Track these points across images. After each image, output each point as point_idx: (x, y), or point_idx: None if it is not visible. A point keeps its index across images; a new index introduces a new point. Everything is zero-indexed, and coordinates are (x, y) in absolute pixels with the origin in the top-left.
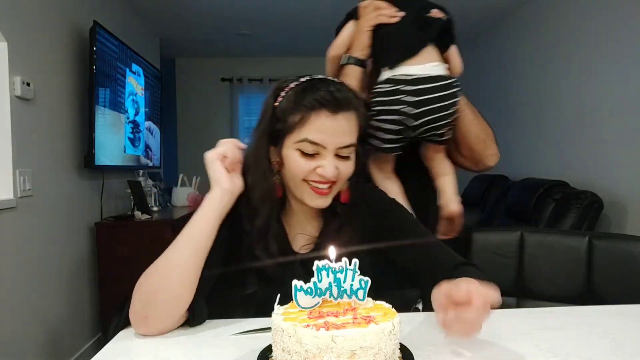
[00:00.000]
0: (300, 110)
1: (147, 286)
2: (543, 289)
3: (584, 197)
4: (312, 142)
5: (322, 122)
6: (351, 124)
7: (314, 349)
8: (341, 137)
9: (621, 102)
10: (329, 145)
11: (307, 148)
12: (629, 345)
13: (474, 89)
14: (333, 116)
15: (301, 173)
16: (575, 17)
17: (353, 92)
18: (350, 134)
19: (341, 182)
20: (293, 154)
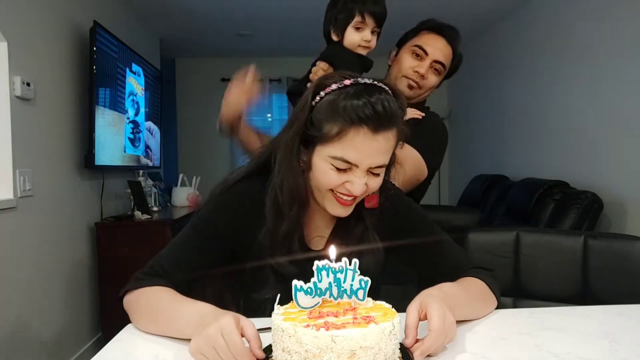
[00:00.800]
0: (338, 121)
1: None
2: (539, 288)
3: (584, 197)
4: (345, 161)
5: (361, 142)
6: (389, 144)
7: (314, 349)
8: (377, 157)
9: (621, 102)
10: (362, 165)
11: (340, 165)
12: (628, 345)
13: (474, 89)
14: (373, 136)
15: (329, 184)
16: (575, 16)
17: (399, 102)
18: (386, 153)
19: (368, 193)
20: (324, 165)
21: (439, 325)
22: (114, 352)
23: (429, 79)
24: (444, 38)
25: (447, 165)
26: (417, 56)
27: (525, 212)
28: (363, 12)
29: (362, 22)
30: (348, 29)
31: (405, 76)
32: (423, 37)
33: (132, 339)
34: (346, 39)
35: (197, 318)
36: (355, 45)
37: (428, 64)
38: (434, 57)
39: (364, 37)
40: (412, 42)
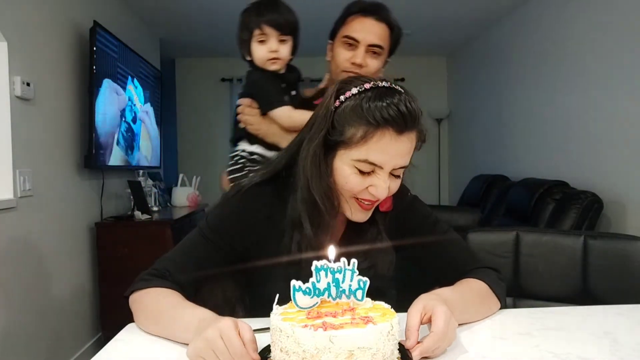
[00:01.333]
0: (362, 124)
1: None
2: (539, 288)
3: (584, 197)
4: (371, 162)
5: (386, 143)
6: (412, 145)
7: (311, 349)
8: (401, 159)
9: (621, 102)
10: (387, 167)
11: (364, 168)
12: (628, 345)
13: (474, 89)
14: (397, 137)
15: (353, 189)
16: (575, 16)
17: (417, 103)
18: (408, 154)
19: (387, 196)
20: (347, 169)
21: (442, 328)
22: (114, 352)
23: (368, 65)
24: (372, 17)
25: (447, 165)
26: (349, 46)
27: (525, 212)
28: (260, 23)
29: (262, 34)
30: (252, 46)
31: (344, 70)
32: (351, 25)
33: (132, 339)
34: (254, 56)
35: (195, 323)
36: (265, 60)
37: (363, 51)
38: (366, 42)
39: (269, 49)
40: (341, 33)
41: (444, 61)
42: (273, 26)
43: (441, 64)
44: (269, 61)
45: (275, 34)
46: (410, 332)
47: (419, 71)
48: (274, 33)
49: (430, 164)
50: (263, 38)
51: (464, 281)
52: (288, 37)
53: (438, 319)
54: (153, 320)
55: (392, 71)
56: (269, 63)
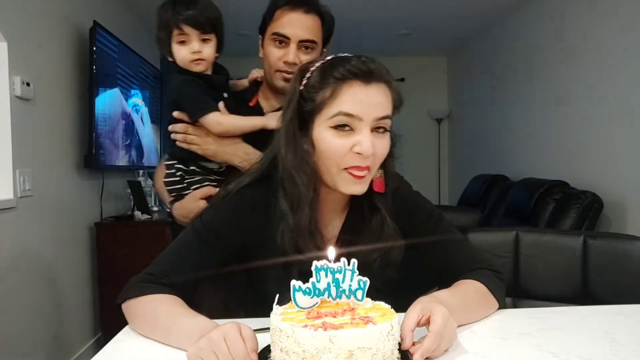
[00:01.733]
0: (329, 83)
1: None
2: (539, 288)
3: (584, 197)
4: (347, 113)
5: (355, 92)
6: (385, 94)
7: (311, 349)
8: (377, 107)
9: (621, 102)
10: (366, 117)
11: (342, 121)
12: (628, 345)
13: (474, 89)
14: (366, 86)
15: (338, 154)
16: (575, 16)
17: (385, 67)
18: (385, 105)
19: (376, 164)
20: (327, 134)
21: (441, 327)
22: (114, 352)
23: (302, 62)
24: (300, 10)
25: (447, 165)
26: (280, 43)
27: (525, 212)
28: (178, 22)
29: (182, 34)
30: (173, 46)
31: (278, 70)
32: (279, 20)
33: (132, 339)
34: (176, 57)
35: (197, 332)
36: (187, 62)
37: (295, 49)
38: (297, 38)
39: (191, 50)
40: (270, 29)
41: (444, 61)
42: (193, 25)
43: (441, 64)
44: (192, 62)
45: (196, 33)
46: (405, 332)
47: (419, 71)
48: (194, 33)
49: (430, 164)
50: (183, 38)
51: (462, 282)
52: (211, 35)
53: (436, 319)
54: (149, 330)
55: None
56: (192, 64)
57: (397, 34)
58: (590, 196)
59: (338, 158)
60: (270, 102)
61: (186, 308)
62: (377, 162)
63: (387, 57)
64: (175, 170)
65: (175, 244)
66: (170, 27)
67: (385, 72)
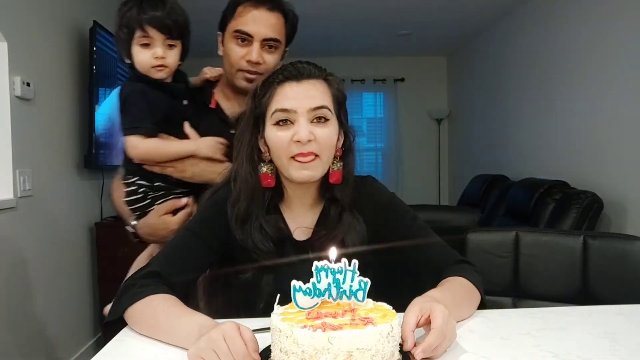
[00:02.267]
0: (269, 89)
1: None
2: (539, 288)
3: (584, 197)
4: (282, 109)
5: (287, 90)
6: (319, 88)
7: (310, 350)
8: (309, 99)
9: (622, 102)
10: (299, 109)
11: (279, 117)
12: (628, 345)
13: (474, 89)
14: (298, 83)
15: (282, 146)
16: (575, 16)
17: (320, 68)
18: (319, 96)
19: (325, 151)
20: (272, 131)
21: (442, 324)
22: (114, 352)
23: (266, 61)
24: (264, 7)
25: (447, 165)
26: (242, 41)
27: (525, 212)
28: (142, 24)
29: (145, 36)
30: (134, 48)
31: (240, 69)
32: (241, 17)
33: (132, 339)
34: (135, 60)
35: (196, 330)
36: (148, 67)
37: (258, 47)
38: (260, 37)
39: (154, 55)
40: (231, 26)
41: (444, 61)
42: (159, 28)
43: (441, 64)
44: (154, 68)
45: (161, 37)
46: (406, 334)
47: (419, 71)
48: (159, 37)
49: (430, 164)
50: (147, 41)
51: (449, 280)
52: (176, 41)
53: (437, 317)
54: (148, 330)
55: (392, 71)
56: (153, 70)
57: (397, 34)
58: (590, 196)
59: (283, 149)
60: (231, 102)
61: (183, 307)
62: (325, 150)
63: (387, 57)
64: (137, 187)
65: (169, 242)
66: (133, 26)
67: (318, 70)
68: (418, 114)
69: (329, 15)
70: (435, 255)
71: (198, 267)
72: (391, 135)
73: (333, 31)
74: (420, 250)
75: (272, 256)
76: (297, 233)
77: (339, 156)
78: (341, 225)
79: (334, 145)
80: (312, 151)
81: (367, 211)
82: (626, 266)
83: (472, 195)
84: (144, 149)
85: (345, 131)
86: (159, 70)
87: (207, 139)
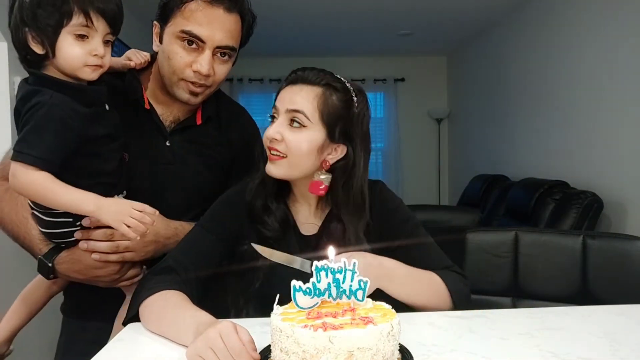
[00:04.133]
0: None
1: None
2: (538, 288)
3: (584, 197)
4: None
5: (282, 91)
6: (304, 95)
7: (311, 350)
8: (289, 102)
9: (622, 101)
10: (281, 107)
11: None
12: (628, 345)
13: (474, 89)
14: (292, 86)
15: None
16: (575, 17)
17: (322, 76)
18: (299, 102)
19: (294, 153)
20: None
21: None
22: (114, 352)
23: (217, 73)
24: (221, 7)
25: (447, 165)
26: (190, 44)
27: (525, 212)
28: (87, 8)
29: (86, 25)
30: (63, 39)
31: (184, 79)
32: (192, 15)
33: (133, 338)
34: (61, 55)
35: (194, 326)
36: (79, 65)
37: (210, 56)
38: (214, 44)
39: (92, 51)
40: (176, 23)
41: (444, 61)
42: (107, 18)
43: (441, 64)
44: (88, 67)
45: (104, 30)
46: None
47: (419, 71)
48: (103, 29)
49: (430, 164)
50: (85, 32)
51: (422, 270)
52: (113, 38)
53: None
54: (154, 322)
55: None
56: (85, 70)
57: (397, 34)
58: (590, 196)
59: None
60: (165, 107)
61: (189, 303)
62: (293, 153)
63: (387, 57)
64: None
65: (184, 240)
66: (69, 9)
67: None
68: (418, 114)
69: (330, 15)
70: (428, 261)
71: (212, 261)
72: (391, 135)
73: (333, 31)
74: (416, 257)
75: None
76: (303, 228)
77: (324, 168)
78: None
79: (308, 152)
80: (278, 149)
81: (374, 215)
82: (626, 266)
83: (472, 195)
84: (24, 184)
85: (348, 149)
86: (93, 71)
87: (118, 201)
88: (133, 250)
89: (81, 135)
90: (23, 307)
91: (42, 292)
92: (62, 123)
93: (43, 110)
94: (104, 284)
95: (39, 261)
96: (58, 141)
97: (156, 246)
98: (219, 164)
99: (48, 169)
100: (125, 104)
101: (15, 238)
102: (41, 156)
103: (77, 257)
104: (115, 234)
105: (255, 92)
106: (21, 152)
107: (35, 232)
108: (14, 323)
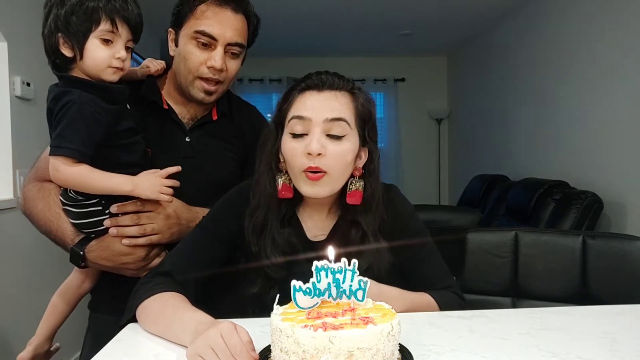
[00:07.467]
0: (289, 96)
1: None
2: (538, 288)
3: (584, 197)
4: (297, 117)
5: (306, 98)
6: (340, 100)
7: (311, 350)
8: (327, 109)
9: (622, 102)
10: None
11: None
12: (628, 345)
13: (474, 89)
14: (318, 92)
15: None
16: (575, 17)
17: (346, 80)
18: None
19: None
20: (287, 140)
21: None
22: (114, 352)
23: (229, 68)
24: (229, 8)
25: (447, 165)
26: (204, 45)
27: (525, 212)
28: (113, 15)
29: (111, 31)
30: (91, 43)
31: (200, 77)
32: (204, 17)
33: (133, 338)
34: (88, 56)
35: (193, 326)
36: (104, 67)
37: (222, 52)
38: (226, 41)
39: (116, 54)
40: (190, 26)
41: (444, 61)
42: (130, 25)
43: (441, 64)
44: (110, 69)
45: (127, 36)
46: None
47: (419, 71)
48: (126, 35)
49: (430, 164)
50: (110, 37)
51: (418, 292)
52: (133, 44)
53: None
54: (152, 323)
55: (393, 71)
56: (108, 71)
57: (397, 34)
58: (590, 196)
59: (295, 161)
60: (182, 107)
61: (187, 304)
62: (335, 166)
63: (387, 57)
64: (93, 199)
65: (182, 241)
66: (98, 17)
67: (343, 82)
68: (418, 114)
69: (330, 15)
70: (433, 278)
71: (211, 263)
72: (391, 135)
73: (333, 31)
74: (420, 273)
75: (280, 270)
76: (311, 233)
77: (357, 175)
78: (367, 251)
79: (348, 163)
80: (320, 167)
81: (387, 218)
82: (626, 266)
83: (472, 195)
84: (67, 175)
85: (370, 150)
86: (114, 72)
87: (148, 176)
88: (159, 232)
89: (109, 129)
90: (60, 305)
91: (75, 290)
92: (93, 118)
93: (74, 107)
94: (131, 272)
95: (71, 250)
96: (91, 134)
97: (180, 228)
98: (235, 155)
99: (84, 159)
100: (145, 107)
101: (47, 232)
102: (78, 148)
103: (105, 245)
104: (142, 217)
105: (255, 92)
106: (59, 146)
107: (67, 225)
108: (52, 321)
